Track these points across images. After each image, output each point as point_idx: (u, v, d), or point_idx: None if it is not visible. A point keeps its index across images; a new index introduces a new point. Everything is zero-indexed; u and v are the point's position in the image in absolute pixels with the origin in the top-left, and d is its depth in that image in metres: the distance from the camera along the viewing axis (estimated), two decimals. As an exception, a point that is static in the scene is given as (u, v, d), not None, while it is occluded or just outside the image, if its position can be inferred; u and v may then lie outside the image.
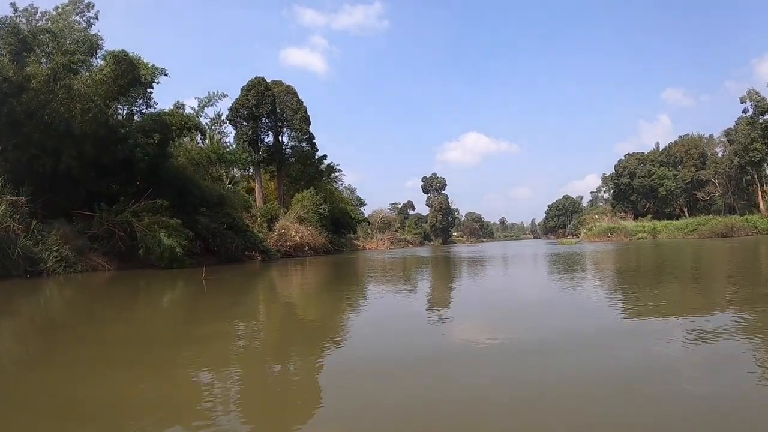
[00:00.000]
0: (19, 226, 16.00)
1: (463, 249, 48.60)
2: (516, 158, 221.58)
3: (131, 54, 21.03)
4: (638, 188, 75.01)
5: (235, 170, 43.40)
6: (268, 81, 43.28)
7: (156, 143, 23.29)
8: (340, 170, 56.62)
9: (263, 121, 42.71)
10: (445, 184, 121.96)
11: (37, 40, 19.20)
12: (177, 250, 19.86)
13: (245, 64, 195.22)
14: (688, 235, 47.06)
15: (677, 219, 58.52)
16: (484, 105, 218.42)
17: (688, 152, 72.74)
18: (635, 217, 65.10)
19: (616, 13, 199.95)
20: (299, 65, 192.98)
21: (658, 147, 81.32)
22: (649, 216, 66.23)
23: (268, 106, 41.80)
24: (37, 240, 16.81)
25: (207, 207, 27.21)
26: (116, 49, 20.70)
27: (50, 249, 16.86)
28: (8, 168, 18.14)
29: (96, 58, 22.71)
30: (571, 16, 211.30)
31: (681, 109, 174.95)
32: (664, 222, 54.90)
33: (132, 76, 21.02)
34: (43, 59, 19.81)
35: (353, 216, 54.56)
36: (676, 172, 72.54)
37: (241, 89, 41.77)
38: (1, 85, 17.17)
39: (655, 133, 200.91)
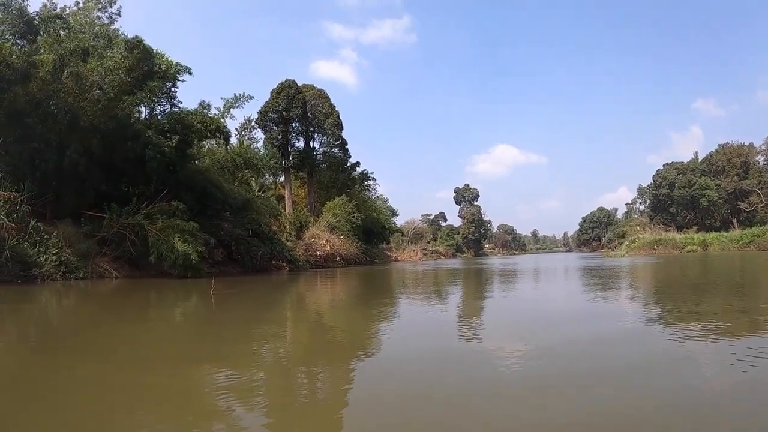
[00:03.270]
0: (13, 225, 14.17)
1: (499, 262, 45.05)
2: (545, 170, 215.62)
3: (146, 43, 19.28)
4: (678, 199, 70.46)
5: (266, 176, 41.71)
6: (299, 84, 41.57)
7: (174, 144, 21.52)
8: (374, 179, 54.15)
9: (294, 125, 40.90)
10: (478, 195, 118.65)
11: (47, 26, 17.65)
12: (192, 257, 17.75)
13: (274, 75, 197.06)
14: (744, 248, 43.18)
15: (726, 231, 54.26)
16: (513, 117, 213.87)
17: (730, 161, 68.32)
18: (678, 229, 60.73)
19: (645, 24, 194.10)
20: (329, 77, 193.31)
21: (697, 156, 77.18)
22: (694, 228, 62.11)
23: (299, 109, 39.99)
24: (35, 241, 14.96)
25: (231, 212, 25.28)
26: (129, 36, 19.03)
27: (49, 252, 14.97)
28: (8, 162, 16.43)
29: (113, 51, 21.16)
30: (598, 29, 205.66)
31: (712, 120, 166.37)
32: (714, 234, 51.50)
33: (147, 67, 19.22)
34: (56, 46, 18.26)
35: (387, 226, 52.03)
36: (718, 182, 67.96)
37: (271, 92, 40.10)
38: (3, 71, 15.54)
39: (686, 145, 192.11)
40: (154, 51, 20.37)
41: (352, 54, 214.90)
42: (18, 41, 17.06)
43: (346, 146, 43.54)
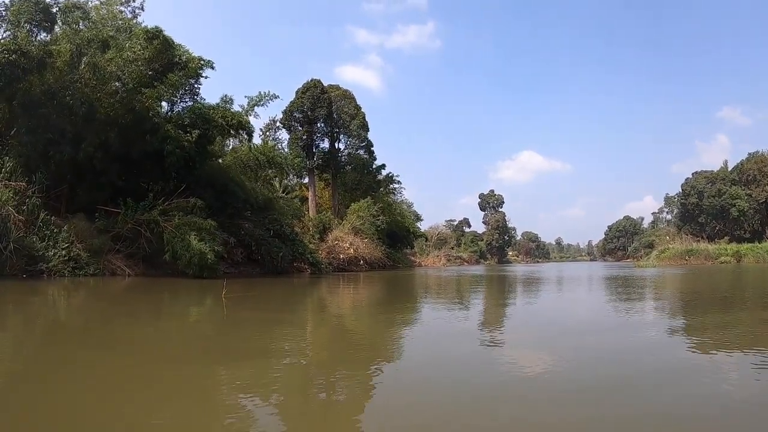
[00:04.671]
0: (21, 218, 13.51)
1: (523, 269, 42.99)
2: (569, 178, 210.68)
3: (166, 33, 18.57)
4: (707, 209, 67.69)
5: (290, 177, 40.93)
6: (325, 85, 40.77)
7: (194, 138, 20.79)
8: (399, 182, 52.88)
9: (318, 125, 40.12)
10: (503, 202, 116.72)
11: (65, 16, 17.11)
12: (208, 256, 16.84)
13: (299, 78, 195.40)
14: (781, 259, 41.72)
15: (760, 242, 52.19)
16: (537, 123, 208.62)
17: (761, 170, 65.38)
18: (708, 240, 58.04)
19: (670, 34, 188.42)
20: (353, 81, 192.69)
21: (726, 165, 74.05)
22: (726, 238, 59.84)
23: (324, 110, 39.17)
24: (45, 235, 14.30)
25: (252, 211, 24.43)
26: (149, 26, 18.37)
27: (58, 247, 14.27)
28: (21, 152, 15.84)
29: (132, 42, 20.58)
30: (623, 38, 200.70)
31: (739, 128, 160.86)
32: (749, 245, 49.83)
33: (167, 59, 18.53)
34: (74, 36, 17.67)
35: (411, 230, 50.72)
36: (749, 192, 65.05)
37: (296, 91, 39.39)
38: (18, 60, 14.99)
39: (712, 153, 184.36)
40: (175, 43, 19.70)
41: (376, 59, 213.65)
42: (34, 29, 16.55)
43: (372, 148, 42.64)
